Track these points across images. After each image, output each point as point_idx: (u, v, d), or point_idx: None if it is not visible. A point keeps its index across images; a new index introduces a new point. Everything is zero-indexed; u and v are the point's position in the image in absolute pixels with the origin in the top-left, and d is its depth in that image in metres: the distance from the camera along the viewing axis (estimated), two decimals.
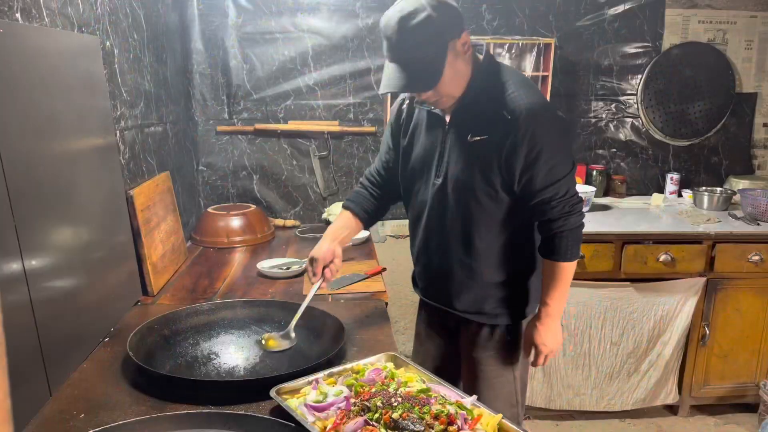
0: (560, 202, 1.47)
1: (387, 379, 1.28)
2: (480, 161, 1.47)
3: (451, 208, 1.55)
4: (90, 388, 1.34)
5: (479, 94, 1.46)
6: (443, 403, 1.17)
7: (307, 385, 1.28)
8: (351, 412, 1.15)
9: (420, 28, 1.32)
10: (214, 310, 1.67)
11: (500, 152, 1.43)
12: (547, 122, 1.43)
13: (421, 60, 1.36)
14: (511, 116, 1.40)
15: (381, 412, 1.13)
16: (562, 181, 1.46)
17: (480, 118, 1.46)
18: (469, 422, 1.14)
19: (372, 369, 1.32)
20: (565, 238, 1.50)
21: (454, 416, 1.13)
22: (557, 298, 1.56)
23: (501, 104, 1.42)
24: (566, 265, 1.53)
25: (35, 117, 1.32)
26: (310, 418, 1.15)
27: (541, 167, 1.42)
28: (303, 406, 1.19)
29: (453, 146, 1.51)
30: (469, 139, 1.47)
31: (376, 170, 1.78)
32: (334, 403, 1.19)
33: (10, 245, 1.18)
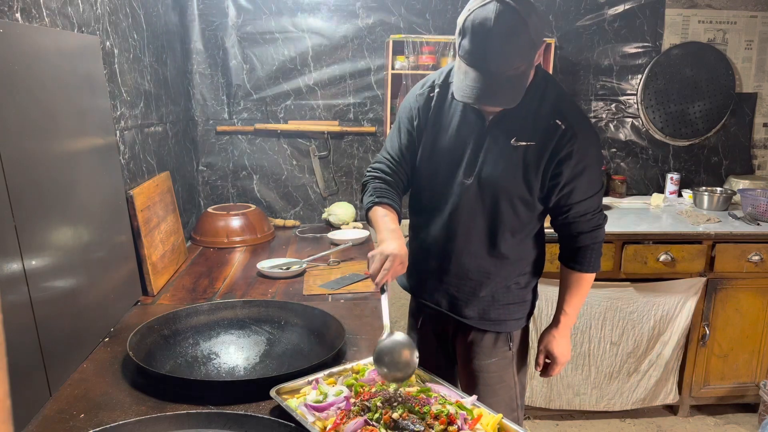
0: (594, 215, 1.51)
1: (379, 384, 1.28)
2: (523, 166, 1.43)
3: (480, 211, 1.49)
4: (90, 388, 1.34)
5: (528, 99, 1.39)
6: (443, 403, 1.17)
7: (307, 386, 1.28)
8: (351, 412, 1.15)
9: (519, 40, 1.25)
10: (214, 310, 1.67)
11: (550, 160, 1.41)
12: (595, 137, 1.47)
13: (512, 74, 1.29)
14: (565, 126, 1.38)
15: (381, 412, 1.13)
16: (596, 196, 1.49)
17: (527, 123, 1.41)
18: (469, 422, 1.15)
19: (372, 369, 1.31)
20: (593, 250, 1.55)
21: (454, 416, 1.13)
22: (578, 307, 1.61)
23: (553, 112, 1.40)
24: (589, 277, 1.57)
25: (35, 117, 1.32)
26: (310, 418, 1.15)
27: (584, 180, 1.44)
28: (303, 406, 1.19)
29: (492, 148, 1.44)
30: (513, 143, 1.42)
31: (388, 160, 1.59)
32: (334, 403, 1.18)
33: (10, 245, 1.18)
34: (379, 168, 1.60)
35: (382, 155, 1.62)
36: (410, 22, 2.98)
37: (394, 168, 1.58)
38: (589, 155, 1.42)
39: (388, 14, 2.96)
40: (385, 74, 3.00)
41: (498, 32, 1.23)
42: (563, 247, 1.60)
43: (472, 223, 1.51)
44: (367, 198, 1.54)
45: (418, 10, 2.98)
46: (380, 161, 1.61)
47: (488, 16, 1.24)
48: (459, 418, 1.14)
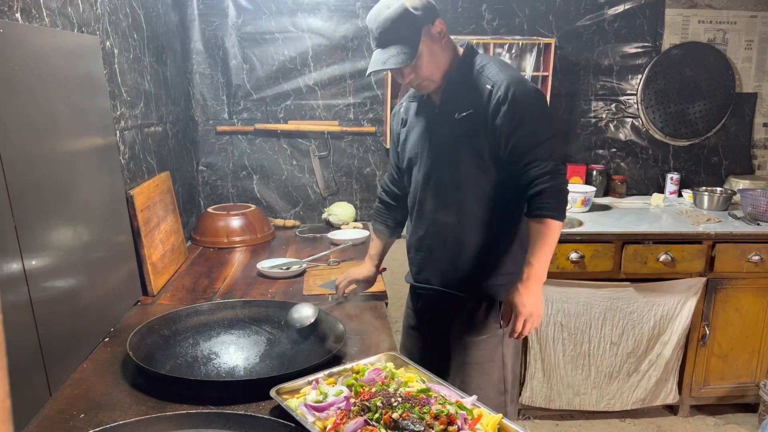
0: (546, 162, 1.52)
1: (387, 379, 1.28)
2: (468, 134, 1.58)
3: (442, 185, 1.64)
4: (90, 388, 1.34)
5: (461, 75, 1.60)
6: (443, 403, 1.17)
7: (307, 385, 1.28)
8: (351, 412, 1.15)
9: (397, 15, 1.51)
10: (214, 310, 1.67)
11: (486, 120, 1.55)
12: (528, 90, 1.55)
13: (398, 41, 1.51)
14: (493, 87, 1.54)
15: (381, 412, 1.13)
16: (546, 144, 1.52)
17: (465, 96, 1.59)
18: (469, 422, 1.14)
19: (372, 369, 1.32)
20: (551, 195, 1.51)
21: (454, 416, 1.13)
22: (542, 258, 1.52)
23: (483, 79, 1.57)
24: (552, 224, 1.51)
25: (35, 117, 1.32)
26: (309, 417, 1.15)
27: (526, 129, 1.52)
28: (303, 406, 1.19)
29: (442, 126, 1.64)
30: (457, 117, 1.59)
31: (389, 178, 1.92)
32: (333, 403, 1.19)
33: (10, 245, 1.18)
34: (384, 185, 1.95)
35: (389, 169, 1.94)
36: None
37: (394, 181, 1.90)
38: (525, 105, 1.52)
39: None
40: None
41: (380, 14, 1.53)
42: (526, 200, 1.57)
43: (438, 199, 1.66)
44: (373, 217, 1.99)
45: None
46: (386, 176, 1.95)
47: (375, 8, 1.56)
48: (459, 418, 1.14)
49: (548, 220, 1.51)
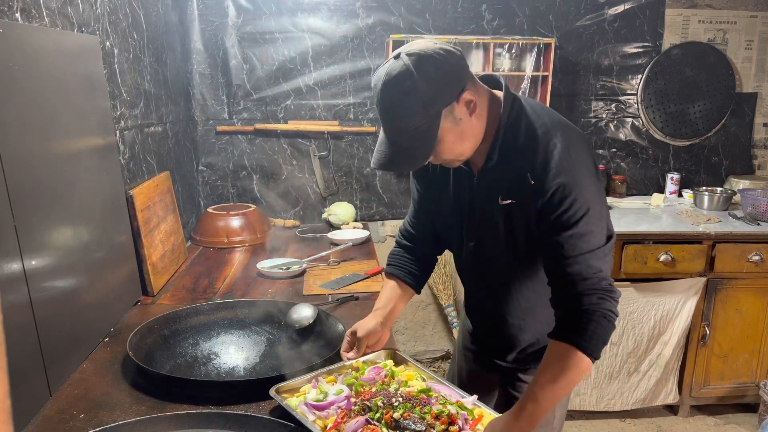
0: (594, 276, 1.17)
1: (387, 378, 1.28)
2: (514, 226, 1.29)
3: (487, 272, 1.41)
4: (90, 388, 1.34)
5: (504, 150, 1.25)
6: (444, 403, 1.17)
7: (307, 384, 1.28)
8: (352, 412, 1.15)
9: (406, 99, 1.12)
10: (214, 310, 1.67)
11: (530, 218, 1.24)
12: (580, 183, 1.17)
13: (408, 134, 1.15)
14: (535, 181, 1.19)
15: (382, 411, 1.13)
16: (592, 254, 1.18)
17: (507, 180, 1.26)
18: (470, 422, 1.15)
19: (372, 367, 1.32)
20: (593, 322, 1.15)
21: (455, 416, 1.13)
22: (550, 394, 1.15)
23: (526, 166, 1.21)
24: (580, 358, 1.15)
25: (35, 117, 1.32)
26: (310, 416, 1.16)
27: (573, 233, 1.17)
28: (303, 405, 1.19)
29: (485, 207, 1.32)
30: (500, 202, 1.28)
31: (409, 223, 1.57)
32: (334, 402, 1.19)
33: (10, 245, 1.18)
34: (402, 229, 1.59)
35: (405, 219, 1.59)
36: (410, 22, 2.98)
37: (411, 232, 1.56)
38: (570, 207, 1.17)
39: (388, 14, 2.96)
40: None
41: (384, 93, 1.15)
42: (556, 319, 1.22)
43: (487, 284, 1.44)
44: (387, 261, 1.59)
45: (418, 10, 2.98)
46: (402, 227, 1.59)
47: (379, 76, 1.16)
48: (460, 418, 1.14)
49: (577, 351, 1.15)
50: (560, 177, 1.16)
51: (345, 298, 1.88)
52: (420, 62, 1.11)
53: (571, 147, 1.20)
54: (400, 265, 1.53)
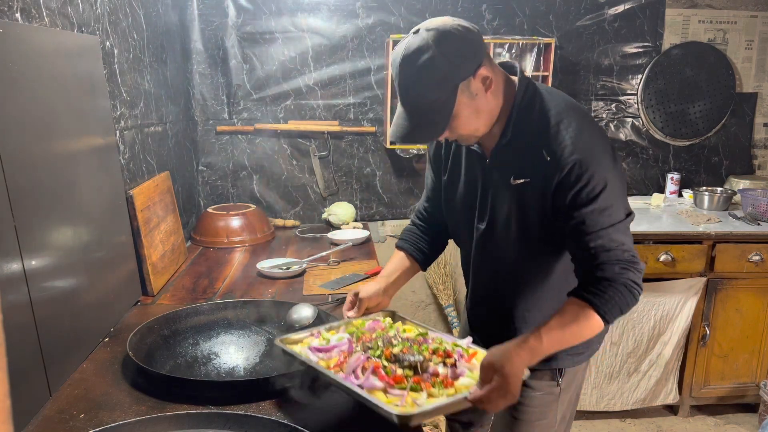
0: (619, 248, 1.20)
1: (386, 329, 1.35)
2: (526, 206, 1.29)
3: (496, 253, 1.40)
4: (90, 388, 1.34)
5: (517, 130, 1.27)
6: (440, 342, 1.26)
7: (309, 336, 1.34)
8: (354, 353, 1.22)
9: (424, 72, 1.16)
10: (214, 310, 1.67)
11: (544, 197, 1.25)
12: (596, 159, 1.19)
13: (426, 107, 1.20)
14: (551, 157, 1.21)
15: (382, 349, 1.20)
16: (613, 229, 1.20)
17: (521, 159, 1.28)
18: (466, 357, 1.20)
19: (371, 321, 1.39)
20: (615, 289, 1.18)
21: (450, 351, 1.21)
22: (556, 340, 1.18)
23: (540, 143, 1.23)
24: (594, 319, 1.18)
25: (35, 117, 1.32)
26: (313, 358, 1.22)
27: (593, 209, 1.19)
28: (306, 349, 1.26)
29: (497, 188, 1.34)
30: (512, 182, 1.29)
31: (422, 205, 1.62)
32: (336, 346, 1.25)
33: (10, 245, 1.18)
34: (417, 210, 1.65)
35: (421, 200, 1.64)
36: (410, 22, 2.98)
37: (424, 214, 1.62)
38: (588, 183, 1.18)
39: (388, 14, 2.96)
40: (385, 74, 2.99)
41: (403, 66, 1.18)
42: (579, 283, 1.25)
43: (495, 269, 1.43)
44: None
45: (418, 10, 2.98)
46: (417, 206, 1.65)
47: (398, 50, 1.20)
48: (455, 353, 1.21)
49: (591, 310, 1.17)
50: (576, 153, 1.19)
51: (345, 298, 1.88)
52: (439, 37, 1.16)
53: (585, 126, 1.23)
54: (411, 241, 1.59)
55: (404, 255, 1.58)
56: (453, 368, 1.17)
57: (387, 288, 1.49)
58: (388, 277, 1.52)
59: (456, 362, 1.18)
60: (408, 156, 3.12)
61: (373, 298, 1.45)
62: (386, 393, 1.10)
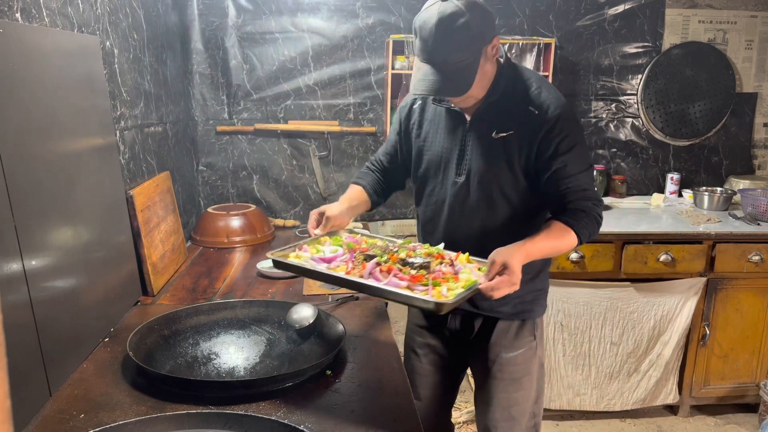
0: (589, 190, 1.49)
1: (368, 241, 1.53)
2: (506, 155, 1.49)
3: (474, 205, 1.55)
4: (90, 388, 1.34)
5: (502, 93, 1.49)
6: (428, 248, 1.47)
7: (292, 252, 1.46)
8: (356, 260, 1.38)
9: (458, 34, 1.34)
10: (214, 310, 1.67)
11: (530, 145, 1.46)
12: (572, 116, 1.50)
13: (456, 65, 1.37)
14: (538, 111, 1.45)
15: (386, 256, 1.38)
16: (585, 173, 1.49)
17: (504, 115, 1.49)
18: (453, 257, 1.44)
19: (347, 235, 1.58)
20: (588, 219, 1.45)
21: (442, 253, 1.42)
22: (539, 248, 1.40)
23: (526, 101, 1.47)
24: (572, 238, 1.44)
25: (35, 117, 1.32)
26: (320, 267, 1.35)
27: (572, 155, 1.45)
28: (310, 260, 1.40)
29: (476, 144, 1.53)
30: (494, 136, 1.49)
31: (380, 159, 1.80)
32: (337, 257, 1.42)
33: (10, 245, 1.18)
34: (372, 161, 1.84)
35: (378, 152, 1.84)
36: (410, 22, 2.96)
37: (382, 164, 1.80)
38: (571, 132, 1.46)
39: (388, 14, 2.97)
40: (385, 74, 3.00)
41: (439, 28, 1.34)
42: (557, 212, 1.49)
43: (470, 218, 1.57)
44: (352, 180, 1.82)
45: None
46: (374, 157, 1.84)
47: (431, 14, 1.35)
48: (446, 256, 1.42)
49: (573, 232, 1.43)
50: (559, 110, 1.45)
51: (345, 298, 1.88)
52: (470, 5, 1.35)
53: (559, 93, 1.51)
54: (368, 181, 1.76)
55: (362, 190, 1.73)
56: (452, 267, 1.38)
57: (348, 210, 1.63)
58: (350, 202, 1.66)
59: (452, 262, 1.39)
60: None
61: (338, 218, 1.58)
62: (411, 290, 1.27)
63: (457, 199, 1.57)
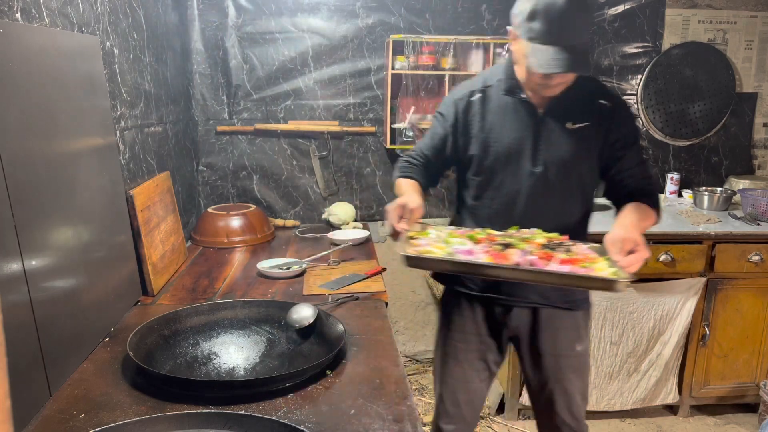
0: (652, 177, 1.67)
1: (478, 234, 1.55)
2: (583, 146, 1.58)
3: (552, 194, 1.61)
4: (90, 388, 1.34)
5: (578, 84, 1.55)
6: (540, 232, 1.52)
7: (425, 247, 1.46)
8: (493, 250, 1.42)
9: (586, 14, 1.49)
10: (214, 310, 1.67)
11: (606, 136, 1.58)
12: (631, 111, 1.68)
13: (582, 44, 1.44)
14: (611, 103, 1.58)
15: (524, 243, 1.43)
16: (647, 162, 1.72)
17: (577, 107, 1.57)
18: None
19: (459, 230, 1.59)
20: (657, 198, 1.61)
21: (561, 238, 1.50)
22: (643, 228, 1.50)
23: (596, 93, 1.60)
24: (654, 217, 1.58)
25: (35, 117, 1.32)
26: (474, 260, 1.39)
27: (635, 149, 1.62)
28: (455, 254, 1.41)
29: (551, 134, 1.58)
30: (570, 127, 1.57)
31: (423, 153, 1.74)
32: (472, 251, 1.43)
33: (10, 245, 1.18)
34: (409, 155, 1.77)
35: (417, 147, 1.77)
36: (410, 22, 2.98)
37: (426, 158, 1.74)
38: (633, 127, 1.64)
39: (388, 14, 2.97)
40: (385, 74, 3.00)
41: (571, 8, 1.39)
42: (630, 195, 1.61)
43: (548, 208, 1.62)
44: (394, 174, 1.76)
45: (418, 10, 2.98)
46: (416, 152, 1.76)
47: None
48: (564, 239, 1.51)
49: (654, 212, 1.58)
50: (623, 102, 1.63)
51: (345, 298, 1.88)
52: None
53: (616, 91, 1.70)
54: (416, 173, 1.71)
55: (418, 185, 1.67)
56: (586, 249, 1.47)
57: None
58: (417, 192, 1.61)
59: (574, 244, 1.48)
60: None
61: (419, 208, 1.52)
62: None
63: (536, 190, 1.60)
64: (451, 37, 2.88)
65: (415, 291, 3.36)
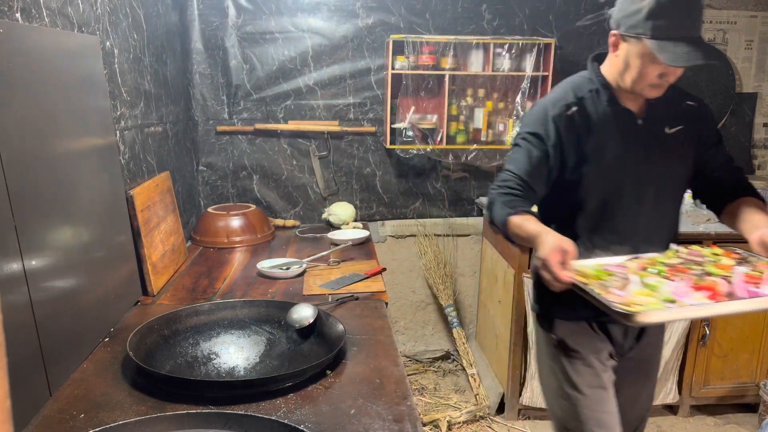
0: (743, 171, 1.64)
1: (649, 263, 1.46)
2: (682, 150, 1.56)
3: (666, 204, 1.59)
4: (90, 388, 1.34)
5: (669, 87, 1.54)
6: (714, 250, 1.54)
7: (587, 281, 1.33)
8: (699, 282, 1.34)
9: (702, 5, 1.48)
10: (214, 310, 1.67)
11: (699, 137, 1.57)
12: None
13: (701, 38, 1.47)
14: (697, 104, 1.59)
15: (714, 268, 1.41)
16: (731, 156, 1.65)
17: (671, 110, 1.56)
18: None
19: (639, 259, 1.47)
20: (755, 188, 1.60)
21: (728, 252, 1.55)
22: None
23: (681, 95, 1.60)
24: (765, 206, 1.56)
25: (35, 117, 1.32)
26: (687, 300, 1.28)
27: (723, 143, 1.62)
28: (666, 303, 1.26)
29: (654, 141, 1.54)
30: (667, 131, 1.55)
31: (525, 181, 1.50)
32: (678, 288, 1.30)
33: (10, 245, 1.18)
34: (506, 185, 1.50)
35: (507, 175, 1.52)
36: (410, 22, 2.98)
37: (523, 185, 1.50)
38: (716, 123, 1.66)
39: (388, 14, 2.97)
40: (385, 74, 3.00)
41: (694, 3, 1.43)
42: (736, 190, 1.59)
43: (664, 215, 1.60)
44: (500, 212, 1.46)
45: (418, 10, 2.98)
46: (506, 179, 1.52)
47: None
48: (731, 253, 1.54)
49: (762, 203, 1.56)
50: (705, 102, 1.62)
51: (345, 298, 1.88)
52: None
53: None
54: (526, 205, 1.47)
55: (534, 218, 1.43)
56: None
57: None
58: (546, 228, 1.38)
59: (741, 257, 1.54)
60: (408, 156, 3.12)
61: (575, 249, 1.31)
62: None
63: (654, 201, 1.55)
64: (451, 37, 2.88)
65: (415, 291, 3.36)
